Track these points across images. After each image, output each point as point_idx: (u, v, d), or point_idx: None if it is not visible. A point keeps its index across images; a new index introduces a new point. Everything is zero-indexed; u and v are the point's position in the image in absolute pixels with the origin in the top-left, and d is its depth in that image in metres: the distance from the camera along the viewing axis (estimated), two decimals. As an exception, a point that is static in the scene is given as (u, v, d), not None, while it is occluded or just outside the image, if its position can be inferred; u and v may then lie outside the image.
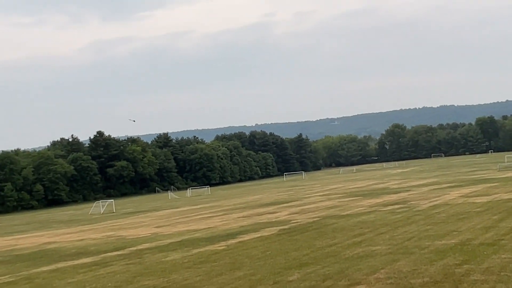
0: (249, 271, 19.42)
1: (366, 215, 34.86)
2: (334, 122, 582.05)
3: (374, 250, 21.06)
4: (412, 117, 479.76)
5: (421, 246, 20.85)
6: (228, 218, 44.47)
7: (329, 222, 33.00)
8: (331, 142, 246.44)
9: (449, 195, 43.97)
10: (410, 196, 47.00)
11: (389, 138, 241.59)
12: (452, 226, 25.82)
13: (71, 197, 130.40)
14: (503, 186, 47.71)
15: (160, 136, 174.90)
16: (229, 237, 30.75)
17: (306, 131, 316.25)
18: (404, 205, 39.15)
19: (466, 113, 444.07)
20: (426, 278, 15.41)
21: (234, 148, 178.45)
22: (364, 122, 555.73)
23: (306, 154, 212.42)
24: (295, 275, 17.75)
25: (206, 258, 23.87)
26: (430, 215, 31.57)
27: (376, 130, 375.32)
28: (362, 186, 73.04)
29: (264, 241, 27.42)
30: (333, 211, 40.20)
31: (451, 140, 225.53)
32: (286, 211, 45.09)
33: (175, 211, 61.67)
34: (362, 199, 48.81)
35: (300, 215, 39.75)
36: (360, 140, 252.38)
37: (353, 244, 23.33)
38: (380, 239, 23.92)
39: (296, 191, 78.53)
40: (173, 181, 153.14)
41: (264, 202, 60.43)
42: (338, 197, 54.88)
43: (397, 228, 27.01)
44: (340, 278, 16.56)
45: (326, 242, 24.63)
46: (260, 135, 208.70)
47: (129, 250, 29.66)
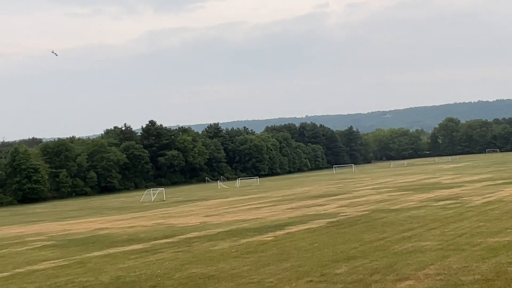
0: (296, 263, 19.43)
1: (417, 210, 34.34)
2: (385, 115, 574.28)
3: (423, 246, 20.74)
4: (466, 111, 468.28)
5: (473, 243, 20.41)
6: (276, 209, 44.57)
7: (378, 216, 32.66)
8: (382, 135, 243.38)
9: (504, 192, 42.82)
10: (462, 192, 46.02)
11: (442, 132, 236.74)
12: (506, 223, 25.15)
13: (123, 184, 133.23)
14: (561, 184, 46.17)
15: (210, 126, 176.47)
16: (277, 228, 30.82)
17: (357, 123, 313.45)
18: (456, 201, 38.36)
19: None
20: (477, 276, 15.09)
21: (284, 140, 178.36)
22: (416, 116, 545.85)
23: (356, 146, 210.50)
24: (343, 268, 17.66)
25: (254, 248, 24.00)
26: (483, 211, 30.84)
27: (428, 123, 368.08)
28: (413, 180, 71.94)
29: (312, 233, 27.37)
30: (383, 205, 39.76)
31: (507, 135, 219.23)
32: (335, 203, 44.87)
33: (224, 201, 62.20)
34: (413, 194, 48.08)
35: (349, 208, 39.49)
36: (412, 134, 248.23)
37: (403, 238, 23.03)
38: (430, 235, 23.53)
39: (346, 184, 77.99)
40: (223, 171, 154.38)
41: (313, 194, 60.27)
42: (388, 191, 54.23)
43: (448, 224, 26.51)
44: (388, 273, 16.38)
45: (375, 236, 24.39)
46: (310, 126, 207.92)
47: (178, 238, 30.09)
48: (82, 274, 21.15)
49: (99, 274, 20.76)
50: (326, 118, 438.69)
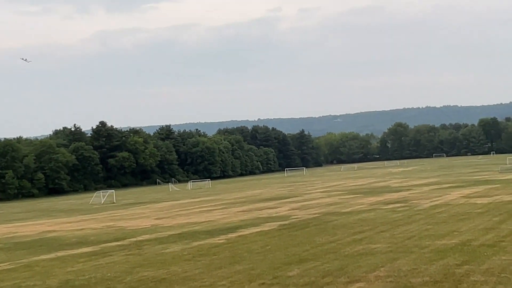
0: (248, 265, 19.43)
1: (367, 213, 34.86)
2: (336, 119, 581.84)
3: (374, 248, 21.06)
4: (414, 116, 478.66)
5: (421, 246, 20.84)
6: (228, 212, 44.51)
7: (330, 219, 33.01)
8: (333, 139, 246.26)
9: (450, 195, 43.95)
10: (411, 195, 46.98)
11: (391, 136, 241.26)
12: (453, 226, 25.81)
13: (72, 186, 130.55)
14: (504, 188, 47.67)
15: (162, 128, 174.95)
16: (229, 230, 30.78)
17: (309, 127, 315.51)
18: (405, 204, 39.14)
19: (469, 113, 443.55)
20: (426, 278, 15.40)
21: (236, 142, 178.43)
22: (366, 120, 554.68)
23: (307, 150, 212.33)
24: (295, 271, 17.75)
25: (206, 251, 23.89)
26: (431, 214, 31.56)
27: (378, 128, 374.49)
28: (363, 183, 73.03)
29: (264, 236, 27.44)
30: (334, 208, 40.21)
31: (453, 141, 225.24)
32: (286, 206, 45.11)
33: (175, 204, 61.74)
34: (363, 197, 48.80)
35: (301, 211, 39.77)
36: (362, 138, 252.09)
37: (353, 241, 23.32)
38: (380, 237, 23.91)
39: (297, 187, 78.55)
40: (174, 174, 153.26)
41: (265, 197, 60.46)
42: (339, 194, 54.88)
43: (398, 227, 27.01)
44: (340, 275, 16.55)
45: (326, 239, 24.63)
46: (262, 130, 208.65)
47: (129, 241, 29.69)
48: (29, 278, 20.60)
49: (47, 278, 20.26)
50: (278, 121, 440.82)
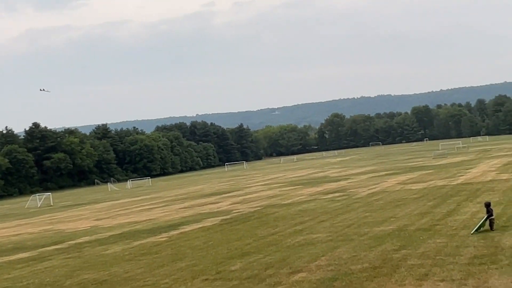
0: (191, 262, 19.37)
1: (307, 204, 35.32)
2: (274, 112, 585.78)
3: (315, 238, 21.37)
4: (350, 106, 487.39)
5: (360, 233, 21.29)
6: (169, 209, 44.17)
7: (271, 211, 33.27)
8: (272, 132, 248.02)
9: (387, 183, 45.06)
10: (349, 184, 47.89)
11: (329, 127, 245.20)
12: (390, 212, 26.48)
13: (6, 190, 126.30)
14: (437, 173, 49.27)
15: (98, 127, 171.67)
16: (171, 228, 30.57)
17: (247, 121, 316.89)
18: (344, 193, 39.87)
19: (402, 102, 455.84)
20: (365, 264, 15.74)
21: (175, 139, 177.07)
22: (304, 112, 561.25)
23: (247, 144, 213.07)
24: (237, 265, 17.82)
25: (148, 250, 23.65)
26: (369, 202, 32.28)
27: (315, 119, 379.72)
28: (302, 175, 73.91)
29: (206, 232, 27.39)
30: (275, 200, 40.53)
31: (388, 129, 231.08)
32: (227, 201, 45.16)
33: (115, 203, 60.76)
34: (303, 188, 49.41)
35: (242, 205, 39.90)
36: (300, 130, 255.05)
37: (295, 232, 23.60)
38: (320, 227, 24.28)
39: (238, 181, 78.73)
40: (113, 173, 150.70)
41: (206, 192, 60.33)
42: (279, 186, 55.36)
43: (337, 216, 27.49)
44: (282, 267, 16.72)
45: (268, 231, 24.82)
46: (201, 125, 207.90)
47: (68, 244, 29.05)
48: (-37, 288, 19.86)
49: (-18, 286, 19.58)
50: (216, 116, 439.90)
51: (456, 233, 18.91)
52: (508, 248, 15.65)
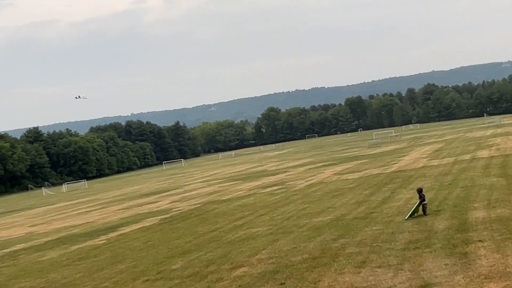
0: (131, 263, 19.12)
1: (246, 198, 35.46)
2: (211, 108, 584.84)
3: (255, 232, 21.49)
4: (285, 100, 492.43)
5: (300, 225, 21.56)
6: (107, 211, 43.41)
7: (211, 208, 33.23)
8: (209, 128, 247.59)
9: (324, 174, 45.78)
10: (287, 177, 48.38)
11: (265, 121, 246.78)
12: (328, 203, 26.93)
13: None
14: (372, 162, 50.44)
15: (29, 130, 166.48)
16: (109, 230, 30.07)
17: (184, 118, 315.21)
18: (282, 186, 40.25)
19: (336, 94, 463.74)
20: (305, 255, 15.95)
21: (110, 139, 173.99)
22: (240, 107, 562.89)
23: (184, 141, 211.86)
24: (179, 263, 17.72)
25: (86, 254, 23.18)
26: (307, 194, 32.71)
27: (252, 114, 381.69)
28: (241, 170, 74.12)
29: (146, 232, 27.10)
30: (214, 197, 40.50)
31: (323, 121, 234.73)
32: (167, 200, 44.80)
33: (50, 208, 59.19)
34: (242, 183, 49.57)
35: (181, 203, 39.67)
36: (237, 125, 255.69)
37: (235, 227, 23.66)
38: (260, 221, 24.44)
39: (176, 179, 78.19)
40: (47, 177, 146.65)
41: (144, 192, 59.62)
42: (218, 182, 55.34)
43: (276, 209, 27.73)
44: (223, 262, 16.74)
45: (208, 228, 24.79)
46: (136, 124, 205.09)
47: (2, 252, 28.12)
48: None
49: None
50: (152, 115, 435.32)
51: (392, 220, 19.42)
52: (441, 232, 16.20)
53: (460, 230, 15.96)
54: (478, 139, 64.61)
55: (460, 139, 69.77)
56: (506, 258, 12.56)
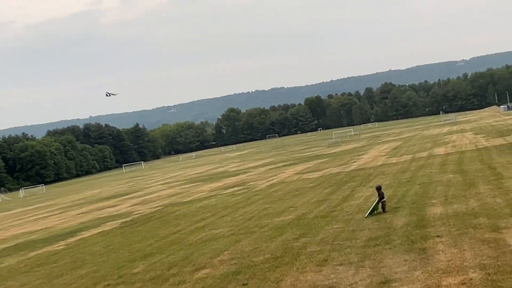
0: (91, 268, 18.85)
1: (208, 200, 35.36)
2: (170, 110, 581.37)
3: (217, 233, 21.45)
4: (245, 100, 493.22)
5: (261, 225, 21.61)
6: (66, 216, 42.69)
7: (172, 210, 33.02)
8: (169, 130, 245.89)
9: (284, 174, 45.98)
10: (248, 178, 48.43)
11: (225, 122, 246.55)
12: (289, 202, 27.06)
13: None
14: (332, 161, 50.92)
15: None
16: (69, 235, 29.57)
17: (143, 120, 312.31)
18: (243, 187, 40.27)
19: (296, 94, 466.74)
20: (267, 255, 16.00)
21: (68, 143, 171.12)
22: (200, 108, 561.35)
23: (144, 143, 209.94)
24: (140, 267, 17.55)
25: (45, 260, 22.75)
26: (268, 194, 32.80)
27: (212, 115, 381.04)
28: (202, 171, 73.87)
29: (106, 236, 26.75)
30: (175, 199, 40.26)
31: (284, 121, 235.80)
32: (127, 203, 44.33)
33: (7, 214, 57.87)
34: (203, 184, 49.41)
35: (142, 206, 39.32)
36: (198, 126, 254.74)
37: (196, 229, 23.57)
38: (222, 222, 24.40)
39: (137, 182, 77.43)
40: (3, 183, 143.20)
41: (104, 196, 58.85)
42: (179, 184, 55.04)
43: (238, 210, 27.74)
44: (185, 265, 16.66)
45: (170, 230, 24.63)
46: (95, 127, 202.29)
47: (-43, 261, 27.33)
48: None
49: None
50: (111, 117, 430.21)
51: (352, 218, 19.64)
52: (400, 228, 16.46)
53: (419, 226, 16.25)
54: (435, 136, 65.89)
55: (417, 137, 71.03)
56: (463, 253, 12.85)
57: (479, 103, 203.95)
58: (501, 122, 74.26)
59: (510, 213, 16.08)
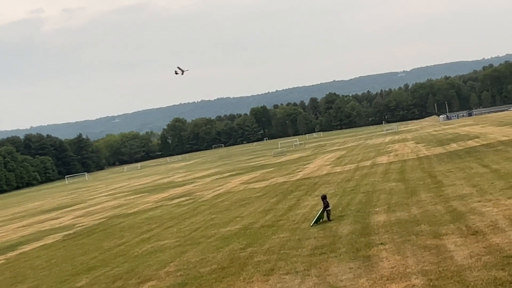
0: (33, 283, 18.32)
1: (153, 211, 34.96)
2: (115, 120, 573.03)
3: (163, 245, 21.22)
4: (191, 110, 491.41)
5: (208, 235, 21.51)
6: (6, 229, 41.35)
7: (116, 222, 32.48)
8: (113, 140, 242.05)
9: (231, 183, 45.95)
10: (194, 188, 48.16)
11: (171, 132, 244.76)
12: (235, 212, 27.04)
13: None
14: (278, 171, 51.22)
15: None
16: (8, 249, 28.65)
17: (86, 130, 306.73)
18: (190, 197, 40.02)
19: (242, 104, 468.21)
20: (214, 266, 15.93)
21: (8, 154, 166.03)
22: (145, 118, 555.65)
23: (87, 154, 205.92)
24: (83, 280, 17.17)
25: (-17, 275, 21.95)
26: (215, 204, 32.70)
27: (158, 125, 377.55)
28: (147, 182, 73.02)
29: (48, 249, 26.05)
30: (120, 210, 39.62)
31: (230, 131, 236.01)
32: (70, 215, 43.33)
33: None
34: (148, 195, 48.84)
35: (86, 218, 38.51)
36: (143, 136, 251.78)
37: (142, 241, 23.25)
38: (168, 233, 24.16)
39: (80, 193, 75.82)
40: None
41: (46, 208, 57.35)
42: (124, 196, 54.22)
43: (184, 220, 27.53)
44: (130, 277, 16.40)
45: (114, 243, 24.21)
46: (36, 138, 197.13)
47: None
48: None
49: None
50: (53, 128, 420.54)
51: (298, 227, 19.79)
52: (345, 236, 16.69)
53: (363, 234, 16.52)
54: (378, 145, 67.24)
55: (361, 146, 72.32)
56: (405, 260, 13.13)
57: (420, 113, 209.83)
58: (440, 132, 76.47)
59: (450, 220, 16.55)
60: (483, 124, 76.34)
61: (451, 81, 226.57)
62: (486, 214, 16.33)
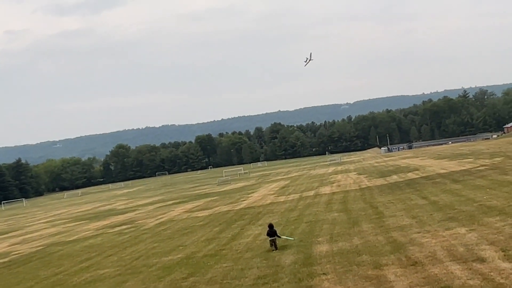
0: (-37, 314, 17.53)
1: (93, 239, 34.18)
2: (56, 145, 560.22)
3: (102, 274, 20.73)
4: (135, 137, 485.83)
5: (149, 264, 21.16)
6: None
7: (54, 250, 31.57)
8: (54, 166, 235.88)
9: (174, 212, 45.50)
10: (137, 216, 47.42)
11: (114, 159, 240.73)
12: (178, 241, 26.73)
13: None
14: (222, 199, 51.06)
15: None
16: None
17: (26, 155, 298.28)
18: (132, 225, 39.35)
19: (187, 132, 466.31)
20: (155, 295, 15.66)
21: None
22: (87, 144, 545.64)
23: (26, 179, 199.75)
24: (18, 311, 16.55)
25: None
26: (157, 232, 32.25)
27: (100, 151, 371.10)
28: (88, 209, 71.43)
29: (-19, 278, 25.00)
30: (58, 238, 38.55)
31: (174, 158, 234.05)
32: (5, 242, 41.83)
33: None
34: (89, 223, 47.76)
35: (22, 245, 37.26)
36: (85, 162, 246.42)
37: (81, 269, 22.65)
38: (108, 262, 23.64)
39: (17, 220, 73.38)
40: None
41: (-20, 235, 55.16)
42: (63, 223, 52.83)
43: (125, 249, 27.01)
44: (68, 307, 15.91)
45: (52, 271, 23.49)
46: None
47: None
48: None
49: None
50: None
51: (241, 256, 19.71)
52: (288, 266, 16.72)
53: (306, 264, 16.59)
54: (321, 176, 68.06)
55: (305, 176, 73.03)
56: (347, 289, 13.23)
57: (362, 145, 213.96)
58: (382, 163, 78.12)
59: (390, 250, 16.83)
60: (423, 157, 78.49)
61: (392, 114, 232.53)
62: (425, 245, 16.69)
